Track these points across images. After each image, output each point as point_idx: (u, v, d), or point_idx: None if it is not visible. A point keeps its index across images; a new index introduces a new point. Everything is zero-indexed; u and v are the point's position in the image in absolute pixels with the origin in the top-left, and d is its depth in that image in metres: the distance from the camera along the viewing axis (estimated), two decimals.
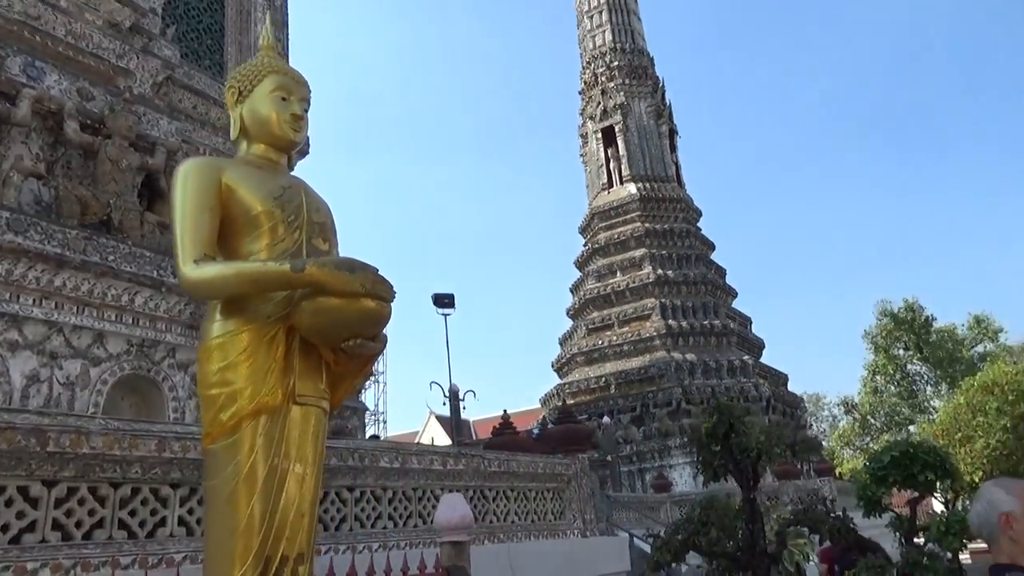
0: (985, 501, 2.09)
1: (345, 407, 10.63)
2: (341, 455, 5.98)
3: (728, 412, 5.19)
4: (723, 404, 5.32)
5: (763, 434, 4.96)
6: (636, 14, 36.61)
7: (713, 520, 4.90)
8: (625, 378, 28.36)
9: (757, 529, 4.94)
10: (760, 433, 4.96)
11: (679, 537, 4.82)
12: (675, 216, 32.86)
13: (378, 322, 3.33)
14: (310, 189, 3.78)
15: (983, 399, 29.03)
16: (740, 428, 5.03)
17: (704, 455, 5.38)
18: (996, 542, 2.03)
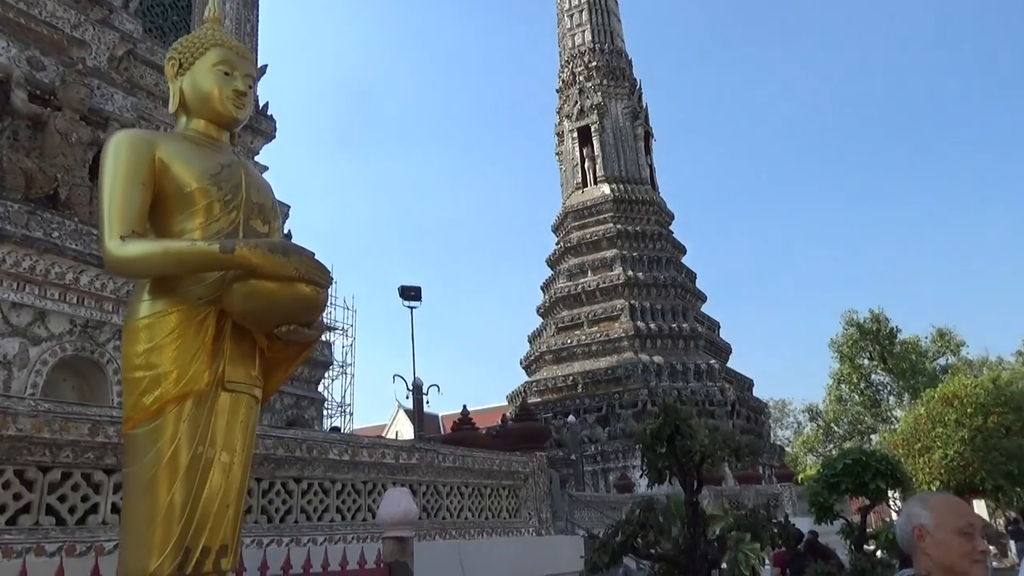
0: (903, 516, 2.09)
1: (303, 397, 10.47)
2: (288, 446, 5.84)
3: (674, 414, 5.13)
4: (669, 406, 5.27)
5: (707, 437, 4.91)
6: (616, 15, 36.66)
7: (651, 523, 4.83)
8: (592, 378, 28.40)
9: (698, 533, 4.89)
10: (704, 436, 4.90)
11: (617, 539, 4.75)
12: (647, 218, 32.96)
13: (313, 308, 3.21)
14: (251, 169, 3.65)
15: (943, 411, 29.50)
16: (685, 430, 4.97)
17: (649, 457, 5.33)
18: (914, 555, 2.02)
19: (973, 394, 29.24)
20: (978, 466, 27.72)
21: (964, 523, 1.94)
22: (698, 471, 5.08)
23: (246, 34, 12.25)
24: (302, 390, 10.47)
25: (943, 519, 1.96)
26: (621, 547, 4.70)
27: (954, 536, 1.93)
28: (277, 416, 9.92)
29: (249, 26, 12.53)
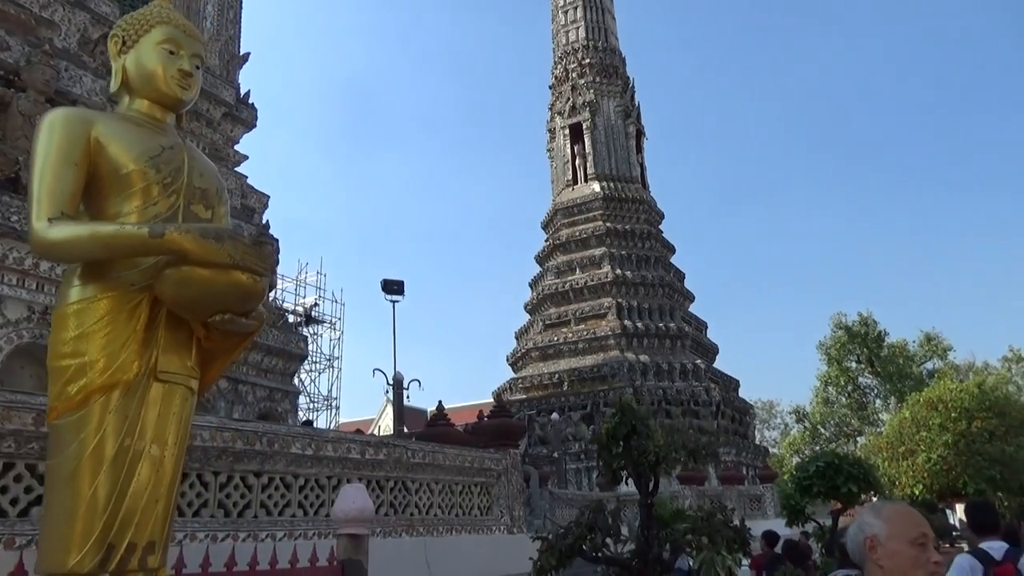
0: (855, 525, 1.98)
1: (276, 390, 10.34)
2: (248, 439, 5.72)
3: (631, 413, 5.03)
4: (626, 405, 5.17)
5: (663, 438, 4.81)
6: (611, 12, 36.53)
7: (600, 525, 4.73)
8: (578, 376, 28.34)
9: (652, 536, 4.79)
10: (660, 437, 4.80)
11: (567, 541, 4.64)
12: (637, 217, 32.90)
13: (250, 297, 3.09)
14: (196, 152, 3.52)
15: (928, 415, 29.59)
16: (642, 430, 4.87)
17: (604, 457, 5.23)
18: (865, 566, 1.91)
19: (958, 399, 29.34)
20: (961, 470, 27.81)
21: (917, 533, 1.85)
22: (653, 472, 4.98)
23: (229, 21, 12.10)
24: (276, 383, 10.34)
25: (896, 529, 1.87)
26: (569, 550, 4.59)
27: (907, 546, 1.84)
28: (249, 409, 9.80)
29: (232, 13, 12.36)
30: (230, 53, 11.89)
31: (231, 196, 11.25)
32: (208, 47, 11.56)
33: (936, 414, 29.12)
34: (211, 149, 11.18)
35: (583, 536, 4.65)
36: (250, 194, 11.43)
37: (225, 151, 11.35)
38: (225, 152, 11.38)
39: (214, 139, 11.11)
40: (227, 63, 11.81)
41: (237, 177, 11.35)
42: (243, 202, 11.17)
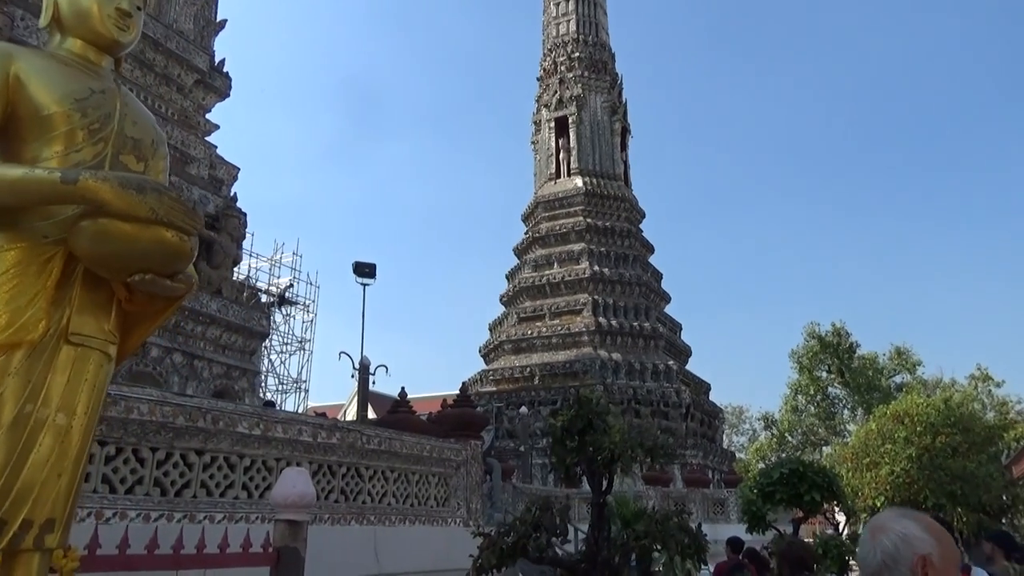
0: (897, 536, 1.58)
1: (234, 367, 10.03)
2: (191, 415, 5.44)
3: (588, 407, 4.82)
4: (584, 398, 4.96)
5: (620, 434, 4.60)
6: (603, 7, 36.31)
7: (546, 524, 4.51)
8: (550, 370, 28.18)
9: (602, 538, 4.59)
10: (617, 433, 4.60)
11: (509, 539, 4.43)
12: (618, 214, 32.77)
13: (175, 257, 2.83)
14: (132, 99, 3.24)
15: (893, 428, 29.77)
16: (599, 426, 4.66)
17: (558, 452, 5.00)
18: None
19: (924, 413, 29.56)
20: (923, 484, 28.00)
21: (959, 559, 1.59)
22: (608, 470, 4.78)
23: None
24: (235, 360, 10.04)
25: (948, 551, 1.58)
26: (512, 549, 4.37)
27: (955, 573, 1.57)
28: (205, 385, 9.49)
29: None
30: (206, 18, 11.51)
31: (198, 165, 10.93)
32: (183, 10, 11.20)
33: (902, 427, 29.32)
34: (181, 116, 10.83)
35: (527, 535, 4.42)
36: (219, 165, 11.08)
37: (195, 119, 10.99)
38: (195, 120, 11.02)
39: (184, 105, 10.75)
40: (202, 29, 11.43)
41: (207, 146, 11.00)
42: (211, 172, 10.83)
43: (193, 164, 10.54)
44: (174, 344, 9.14)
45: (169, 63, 10.56)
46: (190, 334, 9.36)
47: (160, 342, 8.96)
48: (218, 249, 9.82)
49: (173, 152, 10.55)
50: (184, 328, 9.26)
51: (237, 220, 10.19)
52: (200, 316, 9.40)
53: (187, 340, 9.32)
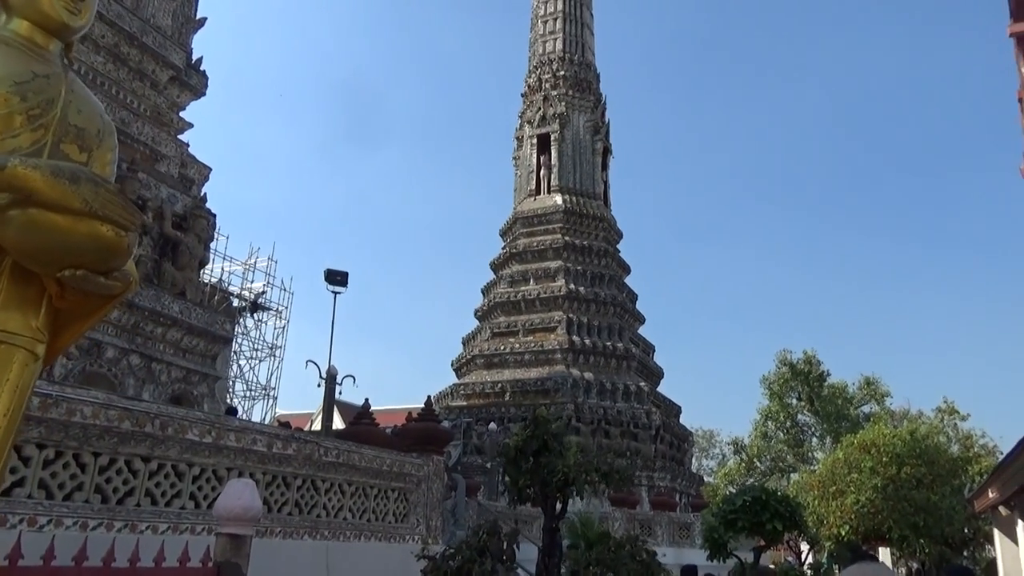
0: None
1: (194, 371, 9.76)
2: (138, 419, 5.23)
3: (544, 427, 4.68)
4: (541, 417, 4.82)
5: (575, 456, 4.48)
6: (590, 28, 36.56)
7: (492, 549, 4.37)
8: (521, 387, 28.02)
9: (553, 564, 4.46)
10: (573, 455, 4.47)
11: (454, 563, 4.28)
12: (596, 234, 32.82)
13: (110, 253, 2.67)
14: (80, 87, 3.09)
15: (860, 457, 29.98)
16: (554, 447, 4.53)
17: (511, 473, 4.86)
18: None
19: (890, 444, 29.81)
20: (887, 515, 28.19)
21: None
22: (562, 493, 4.64)
23: None
24: (195, 364, 9.77)
25: None
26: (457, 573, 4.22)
27: None
28: (162, 389, 9.22)
29: None
30: (185, 15, 11.33)
31: (168, 163, 10.71)
32: (161, 5, 11.02)
33: (868, 457, 29.54)
34: (153, 112, 10.61)
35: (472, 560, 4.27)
36: (190, 164, 10.86)
37: (168, 116, 10.77)
38: (168, 117, 10.81)
39: (157, 102, 10.54)
40: (181, 25, 11.24)
41: (178, 144, 10.78)
42: (182, 171, 10.61)
43: (163, 162, 10.33)
44: (132, 345, 8.88)
45: (144, 58, 10.36)
46: (149, 335, 9.10)
47: (117, 343, 8.70)
48: (184, 250, 9.59)
49: (143, 149, 10.32)
50: (143, 329, 9.00)
51: (206, 221, 9.98)
52: (161, 317, 9.15)
53: (146, 342, 9.06)
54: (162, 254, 9.65)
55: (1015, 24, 10.22)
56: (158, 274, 9.49)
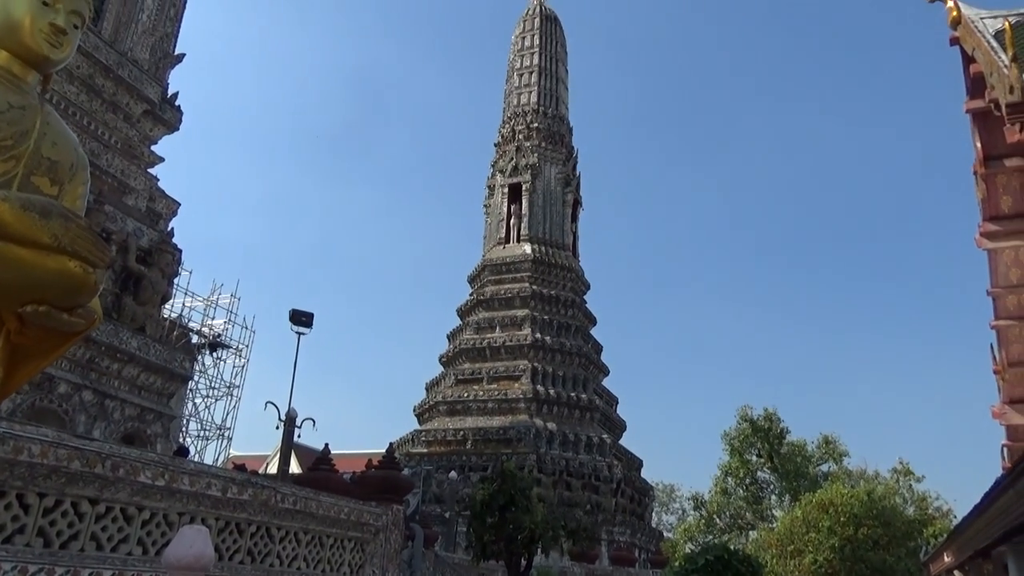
0: None
1: (149, 410, 9.48)
2: (88, 459, 5.04)
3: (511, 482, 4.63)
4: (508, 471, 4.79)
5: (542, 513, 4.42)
6: (564, 83, 37.38)
7: None
8: (484, 436, 27.73)
9: None
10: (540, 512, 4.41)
11: None
12: (564, 284, 33.02)
13: (77, 289, 2.61)
14: (55, 119, 3.06)
15: (818, 516, 30.13)
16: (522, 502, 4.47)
17: (476, 527, 4.78)
18: None
19: (848, 504, 30.02)
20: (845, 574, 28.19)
21: None
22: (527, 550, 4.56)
23: (168, 18, 11.56)
24: (151, 402, 9.50)
25: None
26: None
27: None
28: (114, 427, 8.92)
29: (173, 11, 11.83)
30: (163, 51, 11.33)
31: (136, 196, 10.58)
32: (140, 40, 11.02)
33: (826, 516, 29.69)
34: (124, 145, 10.51)
35: None
36: (159, 198, 10.73)
37: (140, 149, 10.67)
38: (140, 150, 10.70)
39: (129, 135, 10.45)
40: (158, 60, 11.23)
41: (148, 178, 10.67)
42: (150, 205, 10.46)
43: (131, 195, 10.19)
44: (85, 381, 8.61)
45: (119, 90, 10.30)
46: (104, 371, 8.84)
47: (70, 377, 8.42)
48: (147, 284, 9.41)
49: (111, 181, 10.19)
50: (98, 364, 8.75)
51: (171, 256, 9.82)
52: (118, 353, 8.91)
53: (100, 377, 8.79)
54: (123, 288, 9.45)
55: (971, 101, 10.68)
56: (118, 308, 9.28)
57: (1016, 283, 11.50)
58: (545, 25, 36.99)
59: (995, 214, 11.09)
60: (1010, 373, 12.46)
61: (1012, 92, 8.90)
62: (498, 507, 4.37)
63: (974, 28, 10.70)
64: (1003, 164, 10.51)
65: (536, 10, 37.71)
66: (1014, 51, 8.96)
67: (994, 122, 10.15)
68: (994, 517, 8.43)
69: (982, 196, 11.31)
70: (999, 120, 9.62)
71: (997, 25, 10.62)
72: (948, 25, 11.15)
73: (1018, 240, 11.08)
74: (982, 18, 11.14)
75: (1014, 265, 11.38)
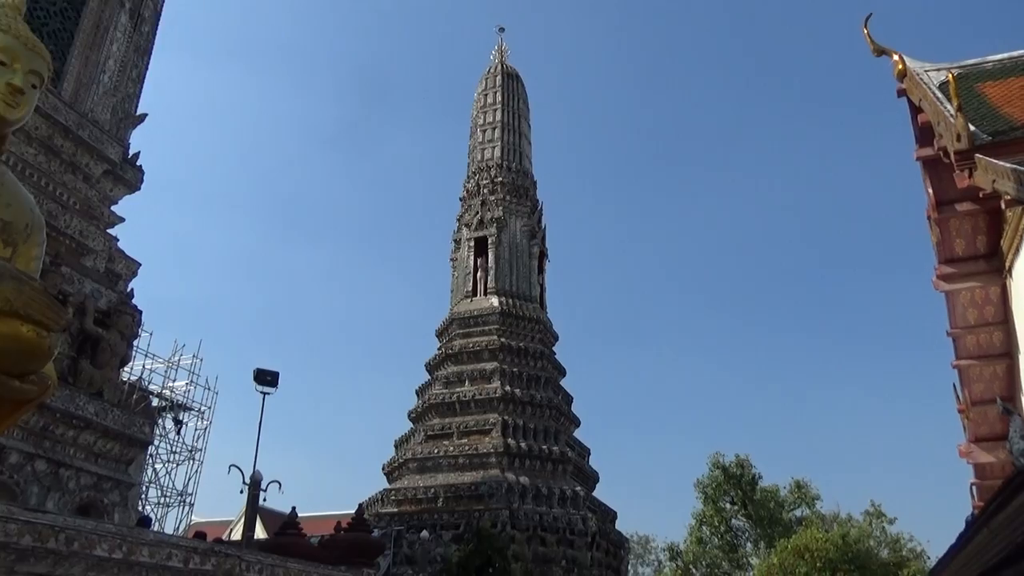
0: None
1: (106, 478, 9.10)
2: (40, 534, 4.79)
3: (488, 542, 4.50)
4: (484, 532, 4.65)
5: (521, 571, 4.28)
6: (527, 138, 38.05)
7: None
8: (455, 492, 27.20)
9: None
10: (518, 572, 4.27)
11: None
12: (532, 336, 33.00)
13: (29, 355, 2.50)
14: (11, 181, 2.99)
15: (794, 562, 29.97)
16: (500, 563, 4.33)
17: None
18: None
19: (823, 548, 29.94)
20: None
21: None
22: None
23: (130, 79, 11.54)
24: (108, 470, 9.14)
25: None
26: None
27: None
28: (69, 497, 8.53)
29: (136, 72, 11.81)
30: (125, 111, 11.27)
31: (95, 257, 10.37)
32: (101, 100, 10.97)
33: (803, 562, 29.56)
34: (83, 206, 10.35)
35: None
36: (119, 259, 10.54)
37: (100, 209, 10.51)
38: (99, 211, 10.54)
39: (88, 195, 10.29)
40: (120, 120, 11.16)
41: (107, 238, 10.48)
42: (109, 266, 10.26)
43: (90, 256, 9.98)
44: (38, 450, 8.26)
45: (78, 151, 10.18)
46: (59, 439, 8.50)
47: (22, 447, 8.07)
48: (105, 347, 9.15)
49: (69, 242, 9.99)
50: (52, 432, 8.41)
51: (130, 317, 9.58)
52: (74, 419, 8.59)
53: (54, 446, 8.45)
54: (80, 351, 9.18)
55: (921, 149, 11.06)
56: (75, 372, 8.99)
57: (974, 323, 11.75)
58: (507, 82, 37.80)
59: (950, 257, 11.39)
60: (974, 412, 12.64)
61: (959, 140, 9.25)
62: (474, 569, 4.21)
63: (919, 80, 11.16)
64: (954, 209, 10.84)
65: (498, 68, 38.56)
66: (959, 101, 9.34)
67: (944, 169, 10.50)
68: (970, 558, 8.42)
69: (936, 240, 11.64)
70: (948, 167, 9.97)
71: (941, 77, 11.10)
72: (895, 77, 11.61)
73: (973, 281, 11.37)
74: (926, 70, 11.63)
75: (971, 306, 11.65)
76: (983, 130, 9.53)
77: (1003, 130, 9.56)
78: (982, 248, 11.12)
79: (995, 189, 8.41)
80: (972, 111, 10.11)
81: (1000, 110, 10.32)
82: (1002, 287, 11.19)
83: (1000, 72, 11.77)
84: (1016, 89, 10.96)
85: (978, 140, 9.16)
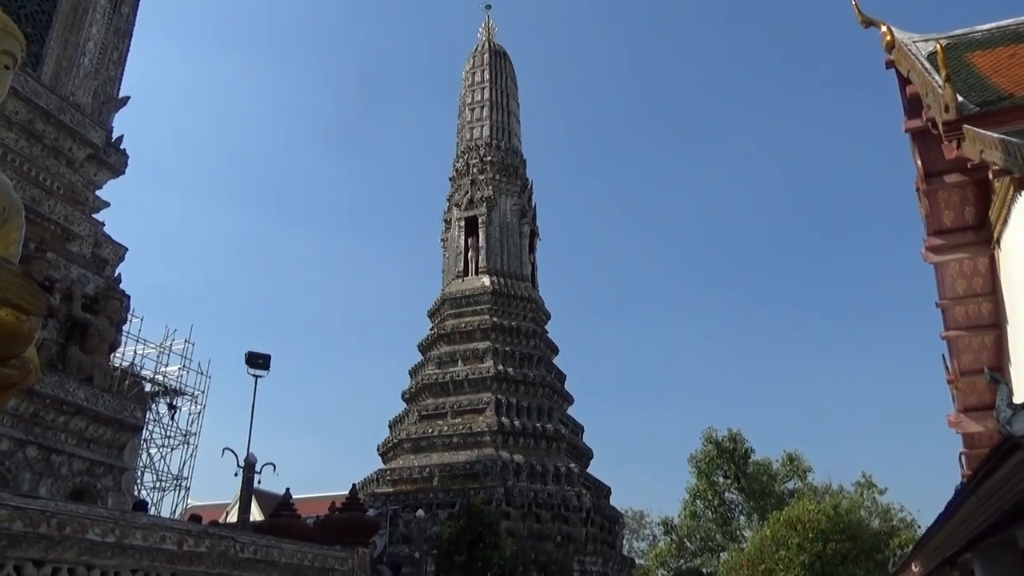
0: None
1: (98, 463, 9.11)
2: (31, 519, 4.79)
3: (478, 518, 4.53)
4: (475, 507, 4.69)
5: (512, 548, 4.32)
6: (516, 116, 37.81)
7: None
8: (450, 472, 27.36)
9: None
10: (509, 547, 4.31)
11: None
12: (524, 314, 33.04)
13: (9, 339, 2.47)
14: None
15: (787, 534, 30.33)
16: (490, 539, 4.37)
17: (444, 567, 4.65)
18: None
19: (815, 520, 30.29)
20: None
21: None
22: None
23: (112, 61, 11.38)
24: (100, 455, 9.13)
25: None
26: None
27: None
28: (62, 483, 8.54)
29: (117, 54, 11.65)
30: (107, 94, 11.12)
31: (81, 243, 10.29)
32: (82, 84, 10.81)
33: (795, 534, 29.91)
34: (67, 191, 10.24)
35: None
36: (105, 244, 10.45)
37: (84, 194, 10.41)
38: (84, 196, 10.44)
39: (72, 180, 10.18)
40: (102, 104, 11.02)
41: (92, 223, 10.39)
42: (95, 251, 10.18)
43: (75, 241, 9.91)
44: (29, 436, 8.24)
45: (60, 135, 10.06)
46: (50, 425, 8.48)
47: (13, 433, 8.05)
48: (93, 332, 9.11)
49: (54, 228, 9.90)
50: (43, 418, 8.39)
51: (119, 303, 9.53)
52: (64, 405, 8.57)
53: (45, 432, 8.43)
54: (69, 337, 9.13)
55: (909, 121, 11.05)
56: (63, 358, 8.94)
57: (963, 294, 11.82)
58: (495, 60, 37.49)
59: (939, 228, 11.43)
60: (963, 382, 12.75)
61: (947, 111, 9.24)
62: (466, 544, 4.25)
63: (908, 51, 11.13)
64: (943, 180, 10.85)
65: (485, 46, 38.22)
66: (947, 72, 9.32)
67: (932, 140, 10.50)
68: (958, 525, 8.54)
69: (925, 211, 11.66)
70: (937, 138, 9.96)
71: (929, 48, 11.06)
72: (883, 49, 11.57)
73: (962, 252, 11.42)
74: (915, 41, 11.60)
75: (960, 277, 11.71)
76: (971, 100, 9.51)
77: (991, 100, 9.55)
78: (970, 219, 11.15)
79: (983, 160, 8.42)
80: (960, 81, 10.09)
81: (988, 80, 10.31)
82: (990, 258, 11.24)
83: (989, 41, 11.75)
84: (1004, 58, 10.94)
85: (966, 111, 9.15)
